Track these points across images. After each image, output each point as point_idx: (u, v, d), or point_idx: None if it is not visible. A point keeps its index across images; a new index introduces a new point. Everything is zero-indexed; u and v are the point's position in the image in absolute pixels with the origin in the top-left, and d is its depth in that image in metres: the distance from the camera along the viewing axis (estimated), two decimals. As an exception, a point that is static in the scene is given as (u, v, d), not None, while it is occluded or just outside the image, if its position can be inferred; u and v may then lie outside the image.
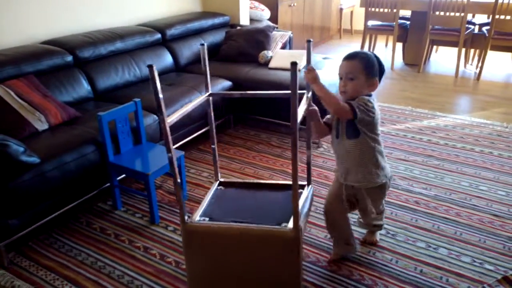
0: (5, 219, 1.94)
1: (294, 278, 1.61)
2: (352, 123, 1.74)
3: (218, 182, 1.98)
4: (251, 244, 1.59)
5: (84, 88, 2.84)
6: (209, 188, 2.63)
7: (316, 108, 1.82)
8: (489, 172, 2.80)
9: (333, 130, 1.84)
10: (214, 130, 1.96)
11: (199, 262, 1.66)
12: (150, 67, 1.36)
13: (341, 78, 1.77)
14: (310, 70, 1.63)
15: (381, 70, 1.80)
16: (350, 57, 1.77)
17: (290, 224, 1.56)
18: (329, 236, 2.16)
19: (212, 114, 1.91)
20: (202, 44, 1.74)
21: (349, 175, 1.85)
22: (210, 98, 1.86)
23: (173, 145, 2.83)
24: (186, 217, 1.59)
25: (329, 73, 3.34)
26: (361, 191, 1.88)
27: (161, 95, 1.40)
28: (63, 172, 2.12)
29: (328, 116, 1.90)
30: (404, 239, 2.18)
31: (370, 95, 1.78)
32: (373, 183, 1.84)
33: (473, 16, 5.60)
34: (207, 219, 1.67)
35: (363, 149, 1.79)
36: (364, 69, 1.73)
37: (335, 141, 1.85)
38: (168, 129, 1.46)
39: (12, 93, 2.30)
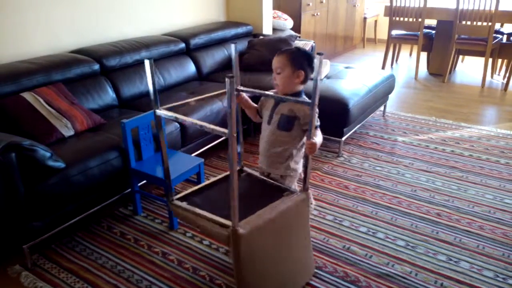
0: (30, 221, 2.01)
1: (237, 276, 1.61)
2: (292, 118, 1.85)
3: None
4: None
5: (109, 95, 2.92)
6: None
7: (243, 94, 1.97)
8: (515, 185, 2.73)
9: (266, 116, 1.94)
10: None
11: None
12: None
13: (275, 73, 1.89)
14: (311, 147, 1.70)
15: (310, 64, 1.87)
16: (279, 53, 1.87)
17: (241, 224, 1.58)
18: (348, 246, 2.15)
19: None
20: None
21: (266, 160, 1.96)
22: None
23: (194, 152, 2.88)
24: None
25: (352, 82, 3.33)
26: (274, 178, 1.95)
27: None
28: (87, 177, 2.18)
29: (262, 99, 2.00)
30: (425, 251, 2.14)
31: (302, 93, 1.89)
32: (283, 172, 1.93)
33: (502, 26, 5.48)
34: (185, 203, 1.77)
35: (289, 142, 1.88)
36: (289, 61, 1.82)
37: (265, 126, 1.95)
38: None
39: (41, 100, 2.39)
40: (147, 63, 1.60)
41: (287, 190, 1.86)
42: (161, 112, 1.68)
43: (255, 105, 2.02)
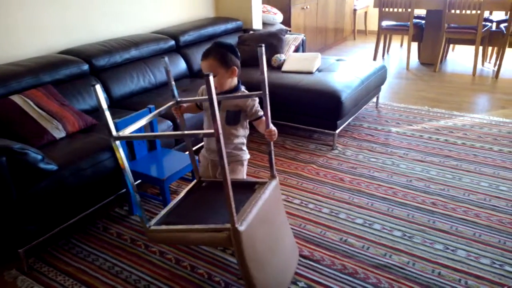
0: (24, 225, 1.98)
1: (244, 273, 1.61)
2: (238, 112, 1.92)
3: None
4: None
5: (100, 96, 2.89)
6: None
7: (183, 106, 2.00)
8: (509, 172, 2.74)
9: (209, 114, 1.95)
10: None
11: None
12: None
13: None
14: (273, 134, 1.80)
15: (236, 55, 1.91)
16: (204, 56, 1.86)
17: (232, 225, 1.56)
18: (344, 238, 2.15)
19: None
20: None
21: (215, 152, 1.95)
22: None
23: (187, 150, 2.86)
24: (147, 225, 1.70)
25: (344, 75, 3.32)
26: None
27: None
28: (80, 178, 2.16)
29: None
30: (421, 241, 2.14)
31: (240, 85, 1.95)
32: (236, 159, 2.01)
33: (491, 13, 5.50)
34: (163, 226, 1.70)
35: (240, 134, 1.98)
36: (218, 63, 1.84)
37: (211, 124, 1.94)
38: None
39: (31, 103, 2.36)
40: (93, 88, 1.50)
41: (257, 183, 1.91)
42: (121, 135, 1.65)
43: (190, 103, 2.03)
